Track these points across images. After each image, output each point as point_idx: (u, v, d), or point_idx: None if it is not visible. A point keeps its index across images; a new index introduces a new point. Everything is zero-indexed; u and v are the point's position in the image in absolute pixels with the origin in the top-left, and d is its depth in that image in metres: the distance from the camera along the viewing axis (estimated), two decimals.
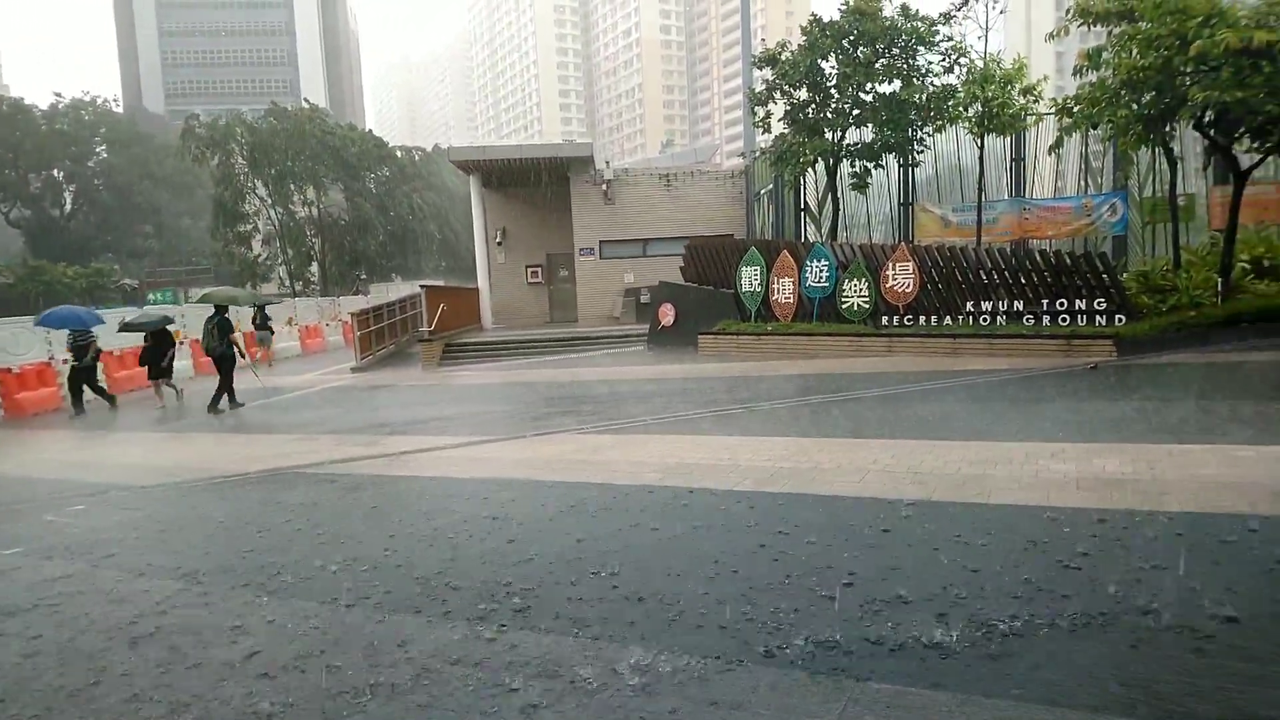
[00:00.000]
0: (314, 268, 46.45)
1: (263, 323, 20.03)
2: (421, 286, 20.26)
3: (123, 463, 8.82)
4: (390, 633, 3.42)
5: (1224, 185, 12.57)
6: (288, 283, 45.23)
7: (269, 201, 43.83)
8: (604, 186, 21.93)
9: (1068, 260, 11.53)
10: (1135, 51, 10.68)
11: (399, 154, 52.13)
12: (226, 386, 12.26)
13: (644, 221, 22.40)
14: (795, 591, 3.51)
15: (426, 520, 5.15)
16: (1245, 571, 3.35)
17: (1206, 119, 10.84)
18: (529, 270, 24.17)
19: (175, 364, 14.01)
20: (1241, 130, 11.04)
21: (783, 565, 3.84)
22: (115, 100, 66.62)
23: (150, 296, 49.01)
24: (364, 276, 47.38)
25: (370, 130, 55.02)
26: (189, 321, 18.75)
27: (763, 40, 17.13)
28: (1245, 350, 9.62)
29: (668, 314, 16.17)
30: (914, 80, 14.49)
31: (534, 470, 6.35)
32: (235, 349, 12.54)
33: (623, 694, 2.75)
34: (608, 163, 22.81)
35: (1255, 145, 11.32)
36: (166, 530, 5.55)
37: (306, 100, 50.45)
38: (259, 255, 45.58)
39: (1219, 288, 11.01)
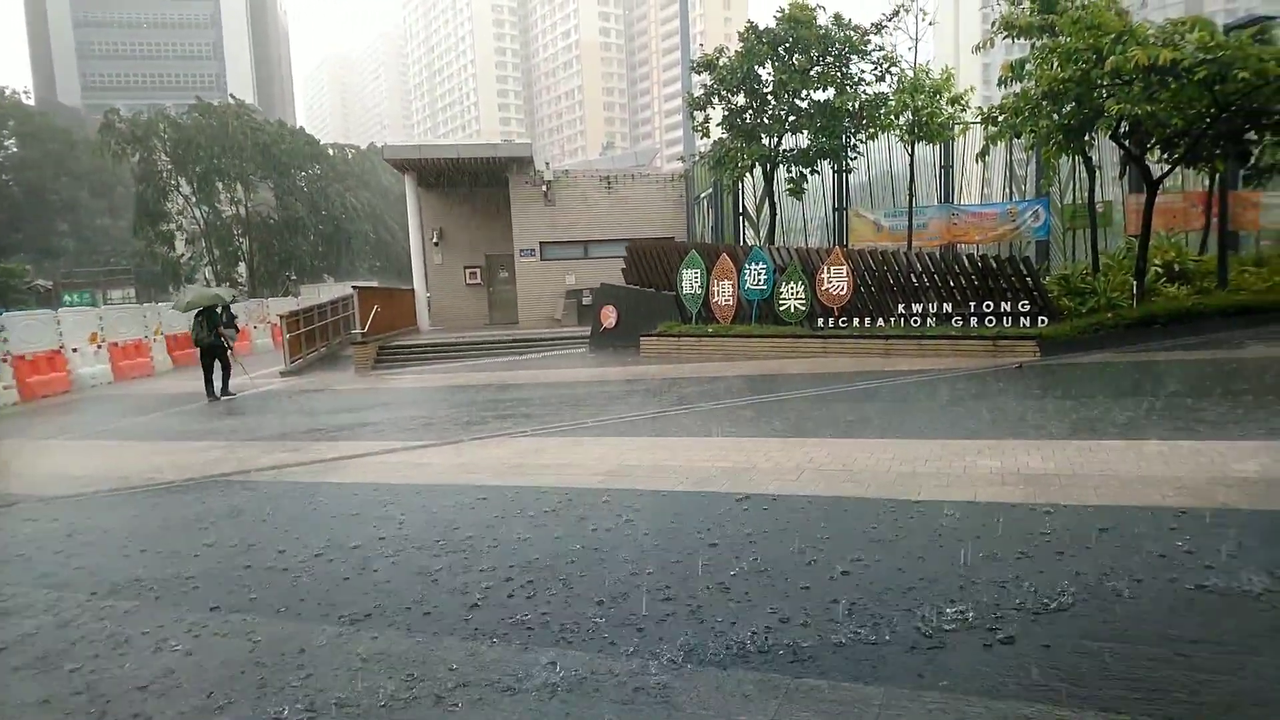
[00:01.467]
0: (241, 268, 44.83)
1: (229, 321, 19.35)
2: (354, 287, 19.77)
3: (35, 472, 8.34)
4: (315, 644, 3.31)
5: (1138, 193, 13.24)
6: (213, 284, 43.51)
7: (194, 200, 42.11)
8: (544, 188, 21.80)
9: (994, 264, 11.96)
10: (1056, 64, 11.15)
11: (331, 152, 50.80)
12: (226, 374, 13.35)
13: (585, 223, 22.36)
14: (732, 591, 3.54)
15: (359, 528, 5.01)
16: (1153, 560, 3.52)
17: (1121, 130, 11.41)
18: (467, 271, 23.85)
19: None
20: (1153, 141, 11.67)
21: (720, 566, 3.86)
22: (26, 92, 63.06)
23: (66, 298, 46.46)
24: (294, 277, 45.94)
25: (301, 127, 53.41)
26: (106, 325, 17.93)
27: (700, 45, 17.35)
28: (1158, 350, 10.15)
29: (609, 316, 16.16)
30: (847, 88, 14.81)
31: (472, 475, 6.25)
32: (224, 340, 13.32)
33: (559, 698, 2.73)
34: (547, 164, 22.69)
35: (1165, 156, 11.98)
36: (74, 543, 5.26)
37: (233, 96, 48.60)
38: (182, 255, 43.78)
39: (1134, 291, 11.59)
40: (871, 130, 15.23)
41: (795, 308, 13.35)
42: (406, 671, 3.01)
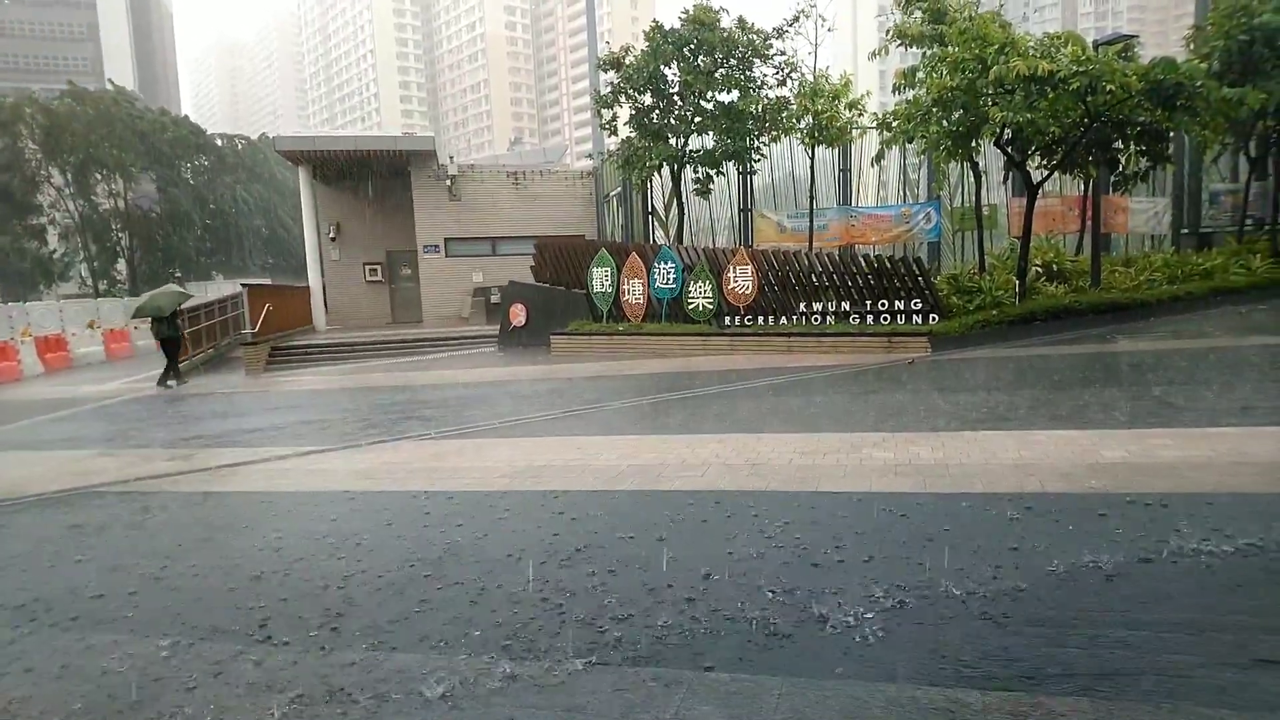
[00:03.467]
0: (121, 265, 41.93)
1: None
2: (243, 285, 18.77)
3: None
4: (197, 663, 3.11)
5: (1020, 197, 14.06)
6: (90, 281, 40.54)
7: (68, 192, 39.07)
8: (448, 182, 21.31)
9: (888, 265, 12.46)
10: (945, 73, 11.69)
11: (220, 142, 48.17)
12: (174, 365, 14.21)
13: (493, 220, 22.00)
14: (639, 589, 3.54)
15: (246, 539, 4.75)
16: (1034, 545, 3.74)
17: (1004, 137, 12.09)
18: (367, 268, 23.06)
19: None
20: (1033, 148, 12.42)
21: (627, 564, 3.86)
22: None
23: None
24: (179, 275, 43.33)
25: (186, 116, 50.40)
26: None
27: (607, 43, 17.30)
28: (1038, 345, 10.82)
29: (519, 314, 15.96)
30: (750, 91, 15.12)
31: (371, 480, 6.03)
32: (181, 333, 14.57)
33: (460, 705, 2.65)
34: (451, 158, 22.20)
35: (1044, 162, 12.77)
36: None
37: (111, 81, 45.38)
38: (55, 251, 40.56)
39: (1016, 289, 12.31)
40: (774, 133, 15.60)
41: (703, 306, 13.53)
42: (307, 687, 2.86)
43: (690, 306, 13.68)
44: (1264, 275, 14.00)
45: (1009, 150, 12.46)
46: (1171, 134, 12.40)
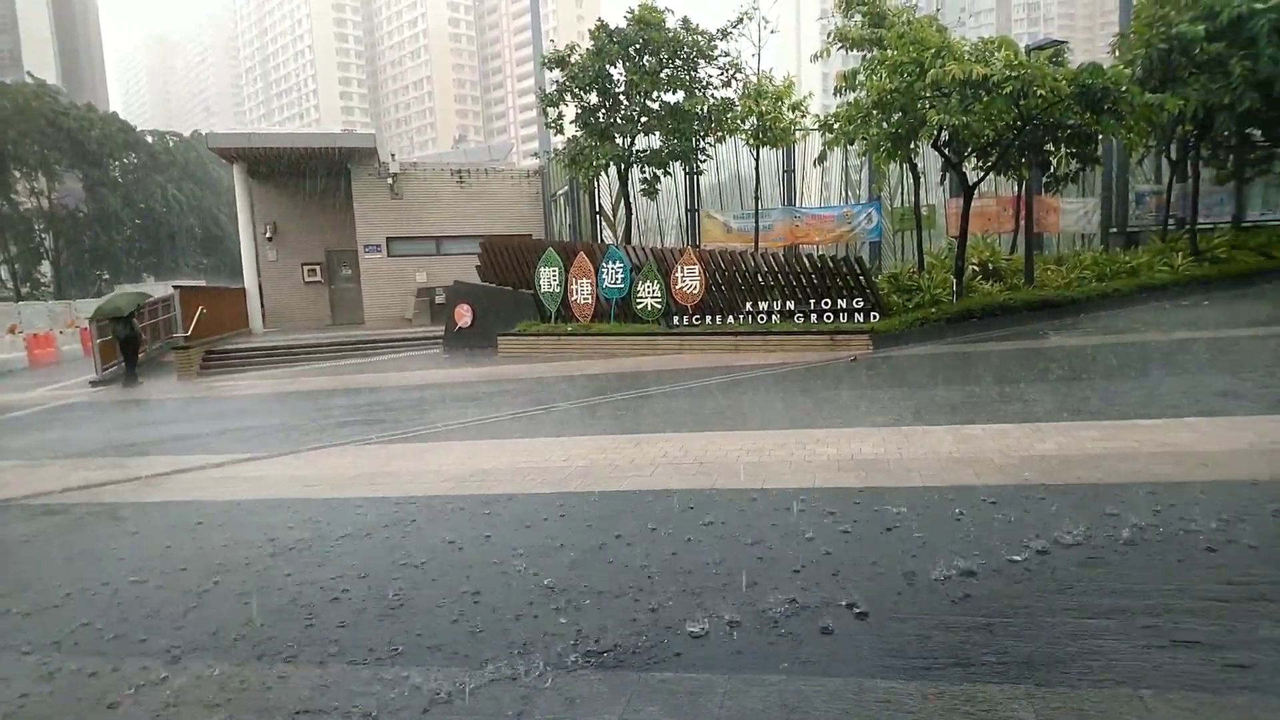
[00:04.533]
0: (45, 267, 40.01)
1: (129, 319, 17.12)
2: (175, 287, 18.11)
3: None
4: (123, 683, 2.97)
5: (958, 198, 14.44)
6: (10, 284, 38.60)
7: None
8: (390, 181, 20.89)
9: (831, 264, 12.68)
10: (884, 76, 11.94)
11: (150, 139, 46.34)
12: (134, 364, 14.74)
13: (436, 219, 21.64)
14: (585, 591, 3.52)
15: (178, 550, 4.57)
16: (969, 536, 3.83)
17: (942, 139, 12.41)
18: (306, 269, 22.46)
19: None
20: (969, 150, 12.77)
21: (572, 566, 3.83)
22: None
23: None
24: (108, 277, 41.57)
25: (115, 112, 48.35)
26: None
27: (552, 41, 17.18)
28: (974, 341, 11.13)
29: (464, 315, 15.73)
30: (696, 92, 15.20)
31: (310, 487, 5.86)
32: (139, 333, 15.08)
33: (402, 718, 2.59)
34: (393, 156, 21.76)
35: (979, 164, 13.15)
36: None
37: (31, 75, 43.20)
38: None
39: (954, 288, 12.65)
40: (720, 134, 15.72)
41: (652, 306, 13.56)
42: (240, 705, 2.75)
43: (639, 306, 13.69)
44: (1185, 273, 14.67)
45: (946, 152, 12.79)
46: (1099, 137, 12.89)
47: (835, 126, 13.32)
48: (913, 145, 13.01)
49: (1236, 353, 8.72)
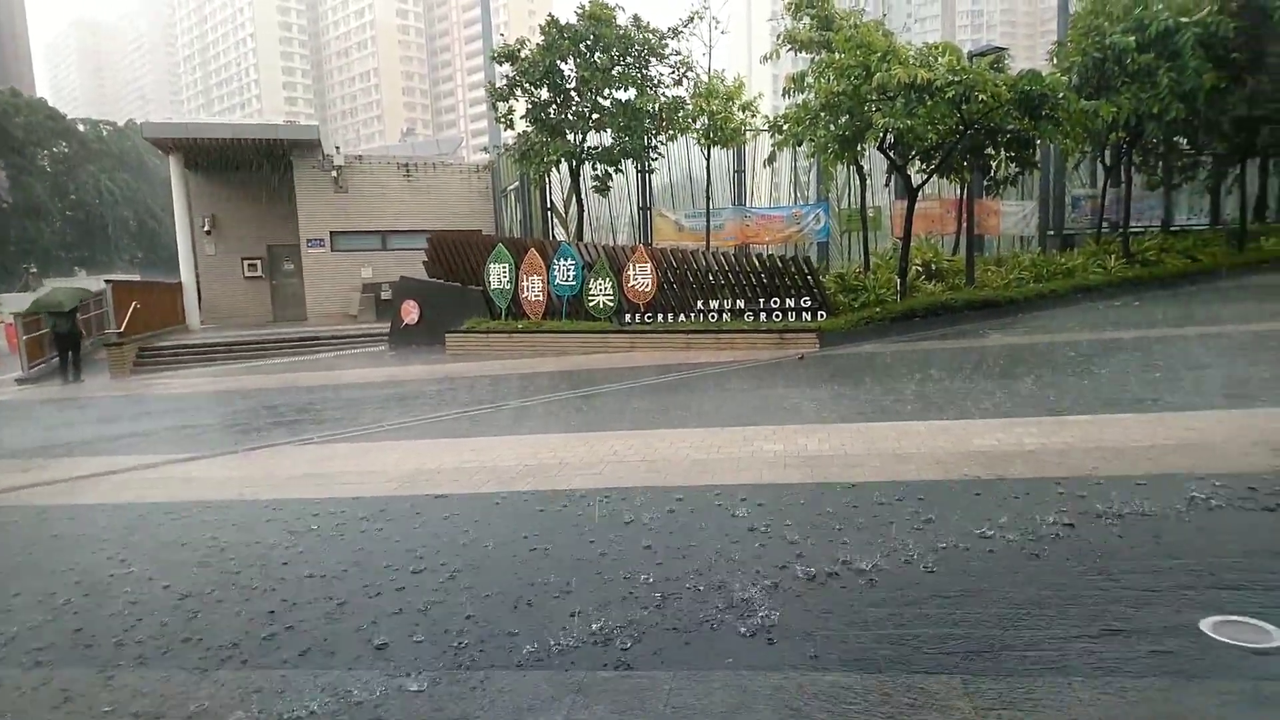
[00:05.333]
0: None
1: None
2: (107, 282, 17.41)
3: None
4: (51, 695, 2.84)
5: (902, 200, 14.73)
6: None
7: None
8: (334, 174, 20.40)
9: (780, 264, 12.82)
10: (832, 78, 12.10)
11: (82, 128, 44.45)
12: (78, 360, 14.33)
13: (382, 213, 21.21)
14: (532, 591, 3.48)
15: (107, 555, 4.38)
16: (909, 530, 3.91)
17: (887, 142, 12.64)
18: (246, 263, 21.81)
19: None
20: (913, 153, 13.04)
21: (519, 566, 3.79)
22: None
23: None
24: (35, 270, 39.73)
25: (43, 99, 46.21)
26: None
27: (502, 35, 17.00)
28: (918, 340, 11.38)
29: (411, 311, 15.45)
30: (647, 90, 15.20)
31: (247, 489, 5.68)
32: (79, 330, 14.63)
33: None
34: (338, 148, 21.26)
35: (923, 166, 13.43)
36: None
37: None
38: None
39: (898, 288, 12.91)
40: (671, 132, 15.75)
41: (604, 304, 13.52)
42: (170, 714, 2.65)
43: (591, 304, 13.63)
44: (1117, 274, 15.25)
45: (891, 155, 13.03)
46: (1037, 142, 13.29)
47: (784, 128, 13.47)
48: (859, 147, 13.22)
49: (1165, 352, 9.09)
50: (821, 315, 12.12)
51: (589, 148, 15.61)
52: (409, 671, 2.83)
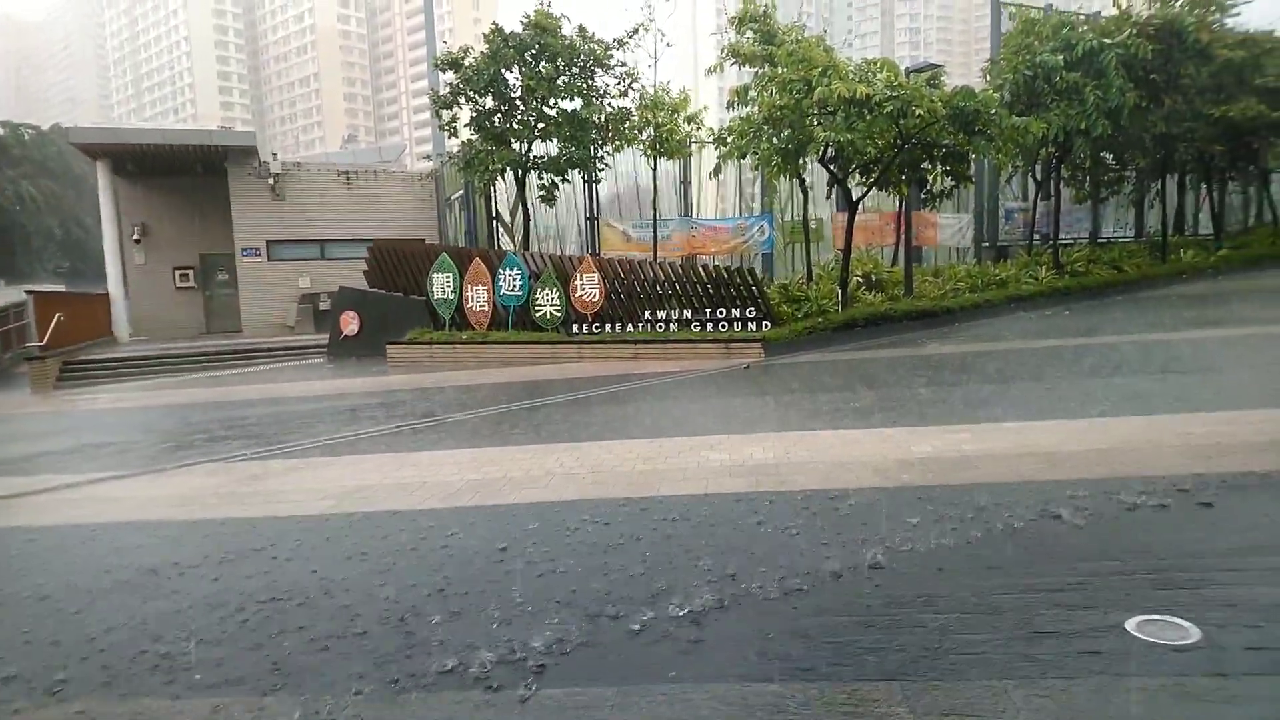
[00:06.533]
0: None
1: None
2: (28, 292, 16.61)
3: None
4: None
5: (843, 212, 15.04)
6: None
7: None
8: (271, 181, 19.86)
9: (725, 274, 12.95)
10: (774, 92, 12.29)
11: (1, 131, 42.39)
12: None
13: (322, 221, 20.71)
14: (473, 608, 3.41)
15: (20, 580, 4.14)
16: (849, 537, 3.96)
17: (828, 155, 12.89)
18: (178, 273, 21.05)
19: None
20: (853, 166, 13.33)
21: (460, 584, 3.71)
22: None
23: None
24: None
25: None
26: None
27: (445, 42, 16.77)
28: (858, 349, 11.60)
29: (351, 322, 15.10)
30: (593, 100, 15.20)
31: (176, 508, 5.45)
32: None
33: None
34: (275, 155, 20.71)
35: (863, 180, 13.74)
36: None
37: None
38: None
39: (839, 298, 13.15)
40: (618, 143, 15.78)
41: (551, 314, 13.43)
42: None
43: (538, 314, 13.53)
44: (1048, 284, 15.82)
45: (832, 168, 13.30)
46: (972, 156, 13.72)
47: (729, 140, 13.62)
48: (801, 161, 13.45)
49: (1092, 359, 9.44)
50: (766, 325, 12.25)
51: (535, 157, 15.52)
52: (339, 695, 2.74)
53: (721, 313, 12.50)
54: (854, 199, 13.53)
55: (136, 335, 19.82)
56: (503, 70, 14.79)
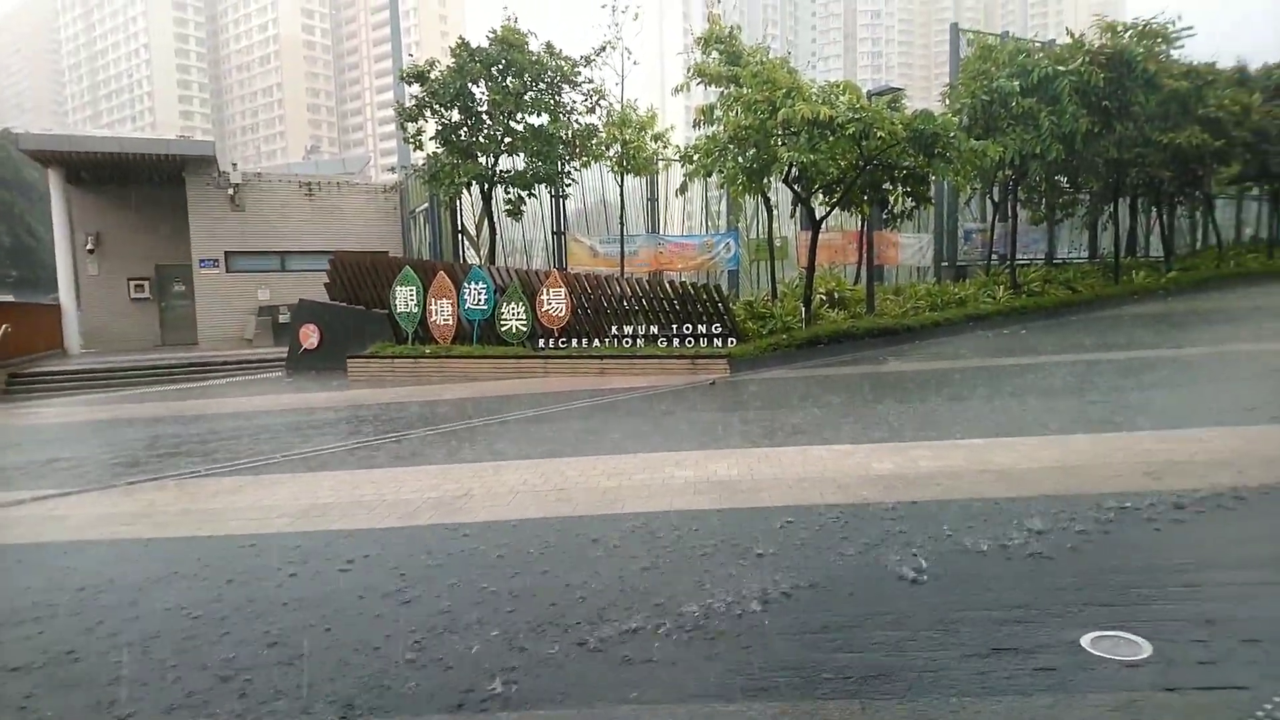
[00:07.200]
0: None
1: None
2: None
3: None
4: None
5: (807, 231, 15.23)
6: None
7: None
8: (231, 191, 19.51)
9: (692, 291, 13.01)
10: (740, 112, 12.43)
11: None
12: None
13: (282, 232, 20.38)
14: (434, 630, 3.34)
15: None
16: (811, 555, 3.98)
17: (792, 175, 13.06)
18: (133, 284, 20.54)
19: None
20: (816, 186, 13.52)
21: (416, 606, 3.64)
22: None
23: None
24: None
25: None
26: None
27: (411, 55, 16.69)
28: (822, 366, 11.71)
29: (311, 336, 14.84)
30: (560, 116, 15.23)
31: (125, 526, 5.28)
32: None
33: None
34: (235, 165, 20.37)
35: (826, 199, 13.94)
36: None
37: None
38: None
39: (803, 315, 13.29)
40: (585, 159, 15.81)
41: (517, 328, 13.35)
42: None
43: (503, 328, 13.45)
44: (1006, 304, 16.18)
45: (796, 187, 13.48)
46: (931, 178, 14.01)
47: (695, 159, 13.73)
48: (766, 180, 13.60)
49: (1049, 377, 9.65)
50: (732, 341, 12.33)
51: (501, 171, 15.48)
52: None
53: (688, 329, 12.55)
54: (817, 218, 13.71)
55: (88, 347, 19.27)
56: (469, 84, 14.76)
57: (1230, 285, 19.68)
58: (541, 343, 13.16)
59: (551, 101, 15.18)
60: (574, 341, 13.06)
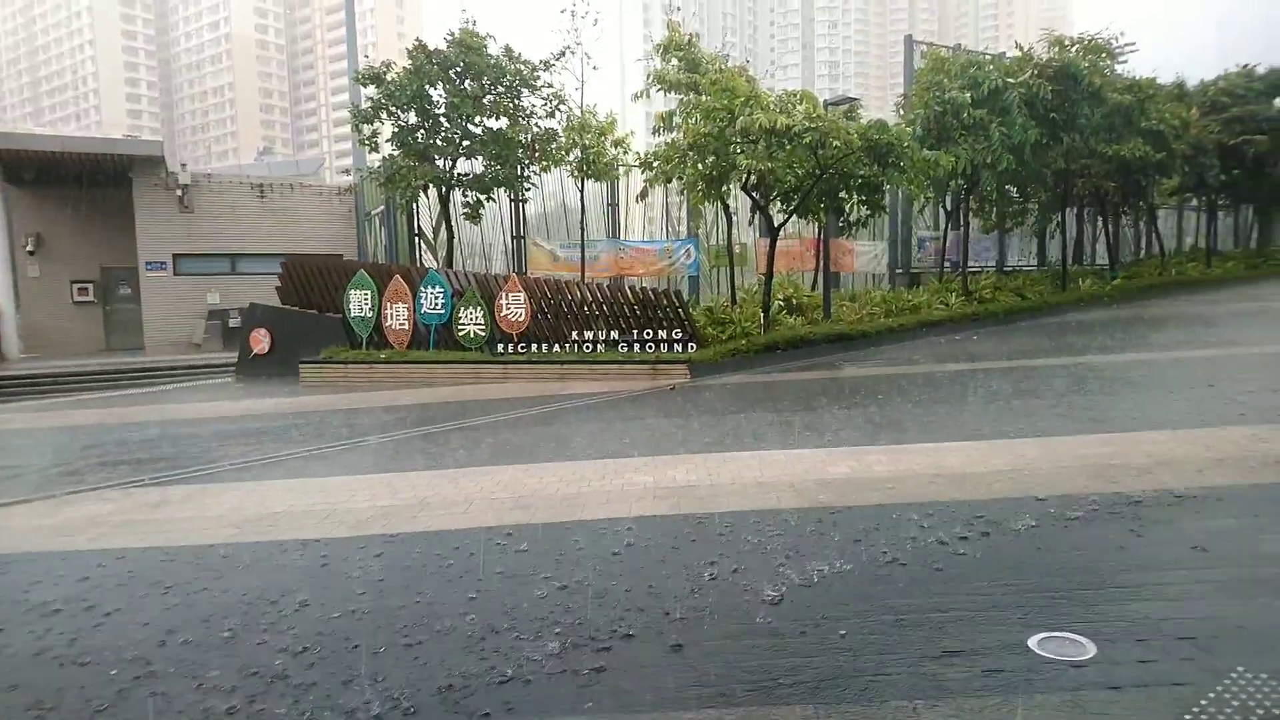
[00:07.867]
0: None
1: None
2: None
3: None
4: None
5: (766, 238, 15.36)
6: None
7: None
8: (179, 192, 18.99)
9: (652, 296, 13.02)
10: (699, 120, 12.49)
11: None
12: None
13: (233, 235, 19.90)
14: (382, 643, 3.28)
15: None
16: (767, 559, 4.00)
17: (750, 182, 13.17)
18: (76, 287, 19.86)
19: None
20: (774, 194, 13.65)
21: (369, 618, 3.57)
22: None
23: None
24: None
25: None
26: None
27: (367, 57, 16.44)
28: (779, 371, 11.82)
29: (261, 340, 14.48)
30: (520, 120, 15.14)
31: (65, 538, 5.08)
32: None
33: None
34: (184, 165, 19.84)
35: (784, 207, 14.08)
36: None
37: None
38: None
39: (762, 321, 13.40)
40: (544, 163, 15.74)
41: (475, 333, 13.21)
42: None
43: (461, 333, 13.29)
44: (958, 311, 16.52)
45: (754, 195, 13.60)
46: (886, 187, 14.24)
47: (655, 165, 13.76)
48: (725, 187, 13.68)
49: (998, 382, 9.87)
50: (692, 347, 12.37)
51: (460, 174, 15.32)
52: None
53: (649, 334, 12.55)
54: (775, 225, 13.84)
55: (28, 352, 18.55)
56: (426, 87, 14.58)
57: (1171, 292, 20.40)
58: (501, 348, 13.03)
59: (510, 105, 15.07)
60: (534, 346, 12.97)
